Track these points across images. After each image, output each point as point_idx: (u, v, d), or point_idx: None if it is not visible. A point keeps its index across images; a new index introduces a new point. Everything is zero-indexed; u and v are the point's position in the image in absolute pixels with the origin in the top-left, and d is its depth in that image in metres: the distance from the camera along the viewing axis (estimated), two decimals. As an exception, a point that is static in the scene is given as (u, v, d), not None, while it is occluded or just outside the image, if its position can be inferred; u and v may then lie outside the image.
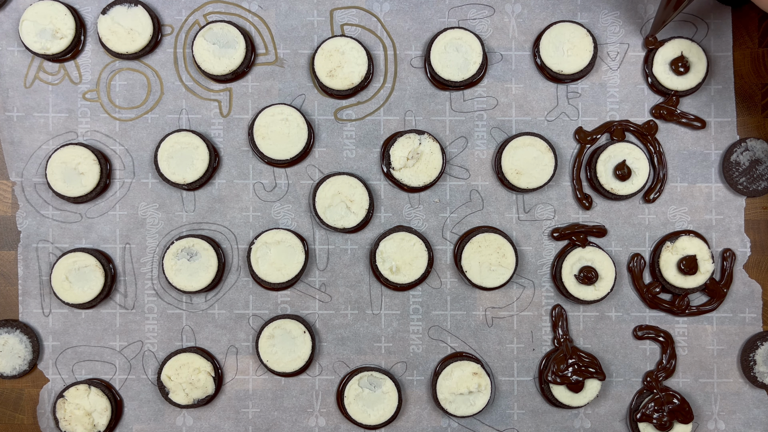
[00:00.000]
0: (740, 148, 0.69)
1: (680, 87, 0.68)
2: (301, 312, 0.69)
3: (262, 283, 0.68)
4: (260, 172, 0.69)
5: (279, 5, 0.70)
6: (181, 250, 0.67)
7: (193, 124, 0.69)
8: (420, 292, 0.69)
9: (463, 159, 0.69)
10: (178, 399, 0.67)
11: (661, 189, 0.69)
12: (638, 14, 0.70)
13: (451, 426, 0.69)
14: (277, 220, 0.69)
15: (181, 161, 0.67)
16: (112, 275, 0.69)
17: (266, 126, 0.68)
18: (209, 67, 0.68)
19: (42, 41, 0.67)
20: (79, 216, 0.69)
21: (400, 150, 0.68)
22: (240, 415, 0.69)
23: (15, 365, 0.68)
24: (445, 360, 0.69)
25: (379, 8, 0.70)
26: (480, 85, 0.70)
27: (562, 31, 0.68)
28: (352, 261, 0.69)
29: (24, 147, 0.69)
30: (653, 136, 0.69)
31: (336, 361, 0.69)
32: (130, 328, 0.69)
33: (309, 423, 0.69)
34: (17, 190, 0.69)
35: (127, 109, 0.69)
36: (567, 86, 0.70)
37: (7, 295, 0.69)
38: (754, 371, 0.68)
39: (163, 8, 0.70)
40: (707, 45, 0.70)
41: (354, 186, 0.68)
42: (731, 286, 0.69)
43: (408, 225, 0.69)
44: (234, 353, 0.69)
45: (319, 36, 0.70)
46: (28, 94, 0.69)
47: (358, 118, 0.70)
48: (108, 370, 0.69)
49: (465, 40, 0.68)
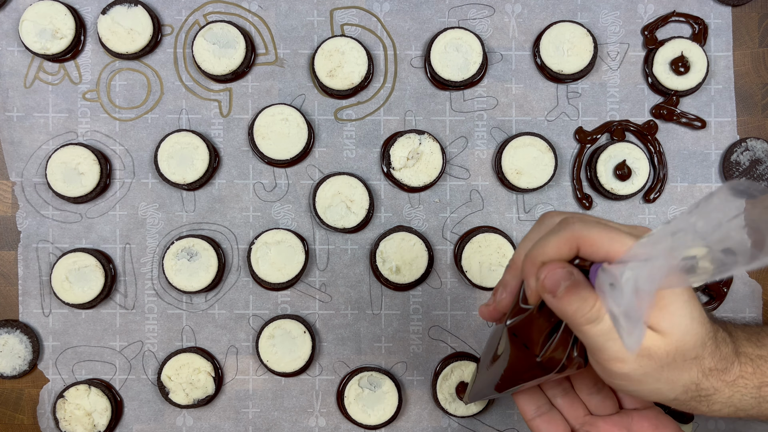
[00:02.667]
0: (740, 148, 0.69)
1: (680, 87, 0.68)
2: (301, 312, 0.69)
3: (262, 283, 0.68)
4: (260, 172, 0.69)
5: (279, 5, 0.70)
6: (181, 250, 0.67)
7: (193, 124, 0.69)
8: (420, 292, 0.69)
9: (463, 159, 0.69)
10: (178, 399, 0.67)
11: (661, 189, 0.69)
12: (638, 14, 0.70)
13: (451, 426, 0.69)
14: (277, 220, 0.69)
15: (181, 161, 0.67)
16: (112, 275, 0.69)
17: (266, 126, 0.68)
18: (209, 67, 0.68)
19: (42, 41, 0.67)
20: (79, 216, 0.69)
21: (400, 150, 0.68)
22: (240, 415, 0.69)
23: (15, 365, 0.68)
24: (445, 360, 0.69)
25: (379, 8, 0.70)
26: (480, 85, 0.70)
27: (562, 31, 0.68)
28: (352, 261, 0.69)
29: (24, 147, 0.69)
30: (653, 136, 0.69)
31: (336, 361, 0.69)
32: (130, 328, 0.69)
33: (309, 423, 0.69)
34: (17, 190, 0.69)
35: (127, 109, 0.69)
36: (567, 86, 0.70)
37: (7, 295, 0.69)
38: (755, 371, 0.68)
39: (163, 8, 0.70)
40: (707, 45, 0.70)
41: (354, 186, 0.68)
42: (731, 285, 0.69)
43: (408, 225, 0.69)
44: (234, 353, 0.69)
45: (319, 36, 0.70)
46: (28, 94, 0.69)
47: (358, 118, 0.70)
48: (108, 370, 0.69)
49: (465, 40, 0.68)
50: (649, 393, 0.41)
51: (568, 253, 0.38)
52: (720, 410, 0.42)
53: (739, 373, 0.41)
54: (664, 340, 0.38)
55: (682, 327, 0.38)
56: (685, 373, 0.39)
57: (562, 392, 0.50)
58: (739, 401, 0.42)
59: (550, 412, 0.50)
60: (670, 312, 0.38)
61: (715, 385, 0.41)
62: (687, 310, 0.38)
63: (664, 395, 0.41)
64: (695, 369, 0.40)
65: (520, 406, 0.51)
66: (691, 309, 0.38)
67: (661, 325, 0.38)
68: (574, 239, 0.38)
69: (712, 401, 0.42)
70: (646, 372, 0.39)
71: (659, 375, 0.39)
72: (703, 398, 0.41)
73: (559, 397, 0.50)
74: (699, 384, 0.40)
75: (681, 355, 0.39)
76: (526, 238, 0.42)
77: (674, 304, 0.38)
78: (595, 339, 0.38)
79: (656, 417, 0.48)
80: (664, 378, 0.39)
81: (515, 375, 0.45)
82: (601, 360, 0.39)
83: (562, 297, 0.37)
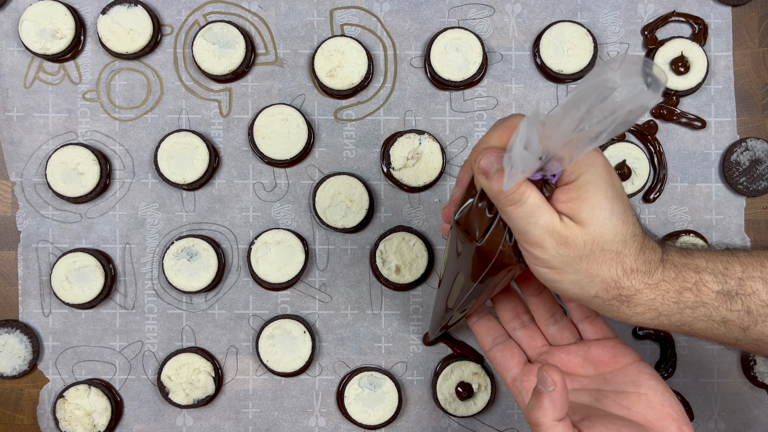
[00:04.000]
0: (740, 148, 0.69)
1: (680, 87, 0.68)
2: (301, 312, 0.69)
3: (262, 283, 0.68)
4: (260, 172, 0.69)
5: (279, 5, 0.70)
6: (181, 250, 0.67)
7: (193, 124, 0.69)
8: (420, 292, 0.69)
9: (463, 159, 0.69)
10: (178, 399, 0.67)
11: (661, 189, 0.69)
12: (638, 14, 0.70)
13: (451, 426, 0.69)
14: (277, 220, 0.69)
15: (181, 161, 0.67)
16: (112, 275, 0.69)
17: (266, 126, 0.68)
18: (209, 67, 0.68)
19: (42, 41, 0.67)
20: (79, 216, 0.69)
21: (400, 150, 0.68)
22: (240, 415, 0.69)
23: (15, 365, 0.68)
24: (445, 360, 0.69)
25: (379, 8, 0.70)
26: (480, 85, 0.70)
27: (562, 31, 0.68)
28: (352, 261, 0.69)
29: (24, 147, 0.69)
30: (653, 136, 0.69)
31: (336, 361, 0.69)
32: (130, 328, 0.69)
33: (309, 423, 0.69)
34: (17, 190, 0.69)
35: (127, 109, 0.69)
36: (567, 86, 0.70)
37: (7, 295, 0.69)
38: (754, 371, 0.68)
39: (163, 8, 0.70)
40: (707, 45, 0.70)
41: (354, 186, 0.68)
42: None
43: (408, 225, 0.69)
44: (234, 353, 0.69)
45: (319, 36, 0.70)
46: (28, 94, 0.69)
47: (358, 118, 0.70)
48: (108, 370, 0.69)
49: (465, 40, 0.68)
50: (570, 285, 0.42)
51: (507, 141, 0.41)
52: (643, 314, 0.43)
53: (661, 277, 0.43)
54: (582, 230, 0.41)
55: (600, 219, 0.40)
56: (605, 267, 0.41)
57: (520, 325, 0.52)
58: (661, 305, 0.43)
59: (506, 342, 0.52)
60: (590, 204, 0.40)
61: (636, 285, 0.42)
62: (607, 204, 0.41)
63: (585, 290, 0.43)
64: (615, 265, 0.42)
65: (478, 337, 0.53)
66: (612, 205, 0.41)
67: (580, 216, 0.40)
68: (512, 128, 0.42)
69: (633, 302, 0.43)
70: (565, 260, 0.41)
71: (578, 265, 0.41)
72: (624, 298, 0.43)
73: (518, 330, 0.52)
74: (619, 282, 0.42)
75: (599, 246, 0.41)
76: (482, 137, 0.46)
77: (595, 198, 0.40)
78: (518, 221, 0.41)
79: (614, 346, 0.49)
80: (583, 269, 0.41)
81: (465, 279, 0.46)
82: (525, 244, 0.42)
83: (492, 178, 0.40)
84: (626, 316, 0.44)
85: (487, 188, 0.41)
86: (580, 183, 0.40)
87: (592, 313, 0.51)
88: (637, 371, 0.48)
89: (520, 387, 0.50)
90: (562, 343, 0.51)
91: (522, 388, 0.50)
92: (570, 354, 0.50)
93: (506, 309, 0.53)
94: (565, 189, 0.41)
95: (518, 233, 0.41)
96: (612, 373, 0.48)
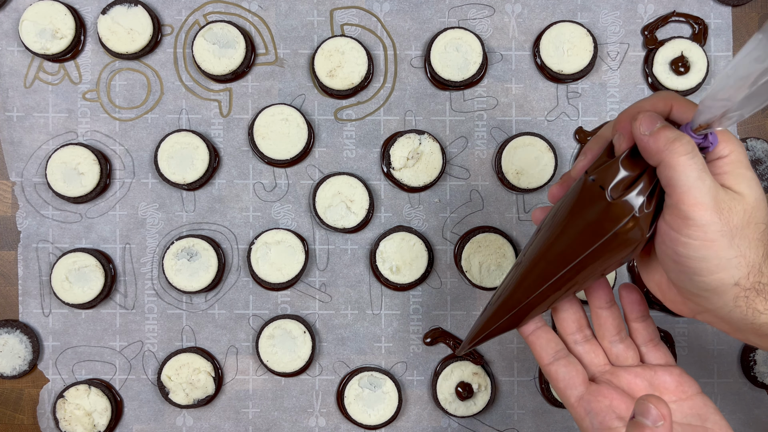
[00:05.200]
0: (740, 148, 0.69)
1: (680, 87, 0.68)
2: (301, 312, 0.69)
3: (262, 283, 0.68)
4: (260, 172, 0.69)
5: (279, 5, 0.70)
6: (181, 250, 0.67)
7: (193, 124, 0.69)
8: (420, 292, 0.69)
9: (463, 159, 0.69)
10: (178, 399, 0.67)
11: (661, 189, 0.69)
12: (638, 14, 0.70)
13: (451, 426, 0.69)
14: (277, 220, 0.69)
15: (181, 161, 0.67)
16: (112, 275, 0.69)
17: (266, 126, 0.68)
18: (209, 67, 0.68)
19: (42, 41, 0.67)
20: (79, 216, 0.69)
21: (400, 150, 0.68)
22: (240, 415, 0.69)
23: (15, 365, 0.68)
24: (445, 360, 0.69)
25: (379, 8, 0.70)
26: (480, 85, 0.70)
27: (562, 31, 0.68)
28: (352, 261, 0.69)
29: (24, 147, 0.69)
30: (653, 136, 0.69)
31: (336, 361, 0.69)
32: (130, 328, 0.69)
33: (309, 423, 0.69)
34: (17, 190, 0.69)
35: (127, 109, 0.69)
36: (567, 86, 0.70)
37: (7, 295, 0.69)
38: (754, 371, 0.68)
39: (163, 8, 0.70)
40: (707, 45, 0.70)
41: (354, 186, 0.68)
42: None
43: (408, 225, 0.69)
44: (234, 353, 0.69)
45: (319, 36, 0.70)
46: (28, 94, 0.69)
47: (358, 118, 0.70)
48: (108, 370, 0.69)
49: (465, 40, 0.68)
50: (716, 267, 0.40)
51: (662, 109, 0.42)
52: None
53: None
54: (742, 201, 0.40)
55: (757, 192, 0.41)
56: (752, 248, 0.40)
57: (583, 338, 0.49)
58: None
59: (568, 356, 0.49)
60: (747, 178, 0.41)
61: None
62: (757, 182, 0.41)
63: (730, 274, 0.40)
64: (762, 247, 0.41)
65: (536, 349, 0.49)
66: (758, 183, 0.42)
67: (739, 187, 0.40)
68: (669, 99, 0.42)
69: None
70: (722, 230, 0.39)
71: (731, 241, 0.40)
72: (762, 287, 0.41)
73: (580, 344, 0.49)
74: (761, 267, 0.40)
75: (754, 220, 0.40)
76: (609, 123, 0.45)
77: (750, 173, 0.41)
78: (688, 175, 0.39)
79: (680, 375, 0.47)
80: (735, 245, 0.40)
81: (567, 251, 0.44)
82: (685, 203, 0.39)
83: (658, 132, 0.40)
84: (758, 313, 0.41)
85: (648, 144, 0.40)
86: (733, 159, 0.41)
87: (656, 336, 0.49)
88: (702, 404, 0.46)
89: (587, 408, 0.46)
90: (625, 363, 0.48)
91: (590, 409, 0.46)
92: (637, 377, 0.47)
93: (569, 319, 0.49)
94: (719, 162, 0.41)
95: (681, 191, 0.39)
96: (677, 403, 0.46)
